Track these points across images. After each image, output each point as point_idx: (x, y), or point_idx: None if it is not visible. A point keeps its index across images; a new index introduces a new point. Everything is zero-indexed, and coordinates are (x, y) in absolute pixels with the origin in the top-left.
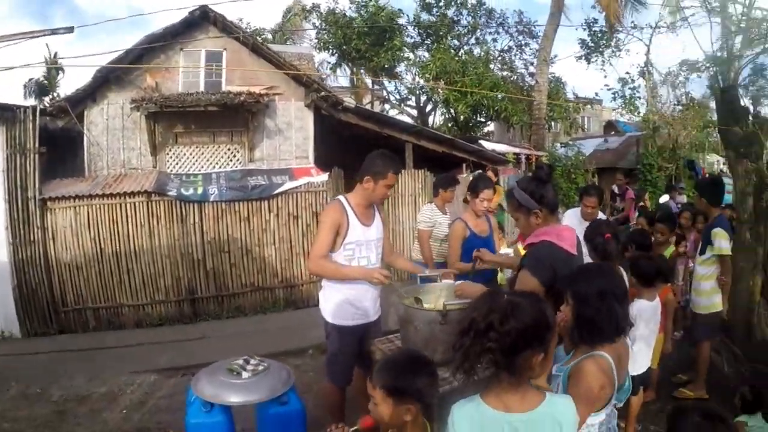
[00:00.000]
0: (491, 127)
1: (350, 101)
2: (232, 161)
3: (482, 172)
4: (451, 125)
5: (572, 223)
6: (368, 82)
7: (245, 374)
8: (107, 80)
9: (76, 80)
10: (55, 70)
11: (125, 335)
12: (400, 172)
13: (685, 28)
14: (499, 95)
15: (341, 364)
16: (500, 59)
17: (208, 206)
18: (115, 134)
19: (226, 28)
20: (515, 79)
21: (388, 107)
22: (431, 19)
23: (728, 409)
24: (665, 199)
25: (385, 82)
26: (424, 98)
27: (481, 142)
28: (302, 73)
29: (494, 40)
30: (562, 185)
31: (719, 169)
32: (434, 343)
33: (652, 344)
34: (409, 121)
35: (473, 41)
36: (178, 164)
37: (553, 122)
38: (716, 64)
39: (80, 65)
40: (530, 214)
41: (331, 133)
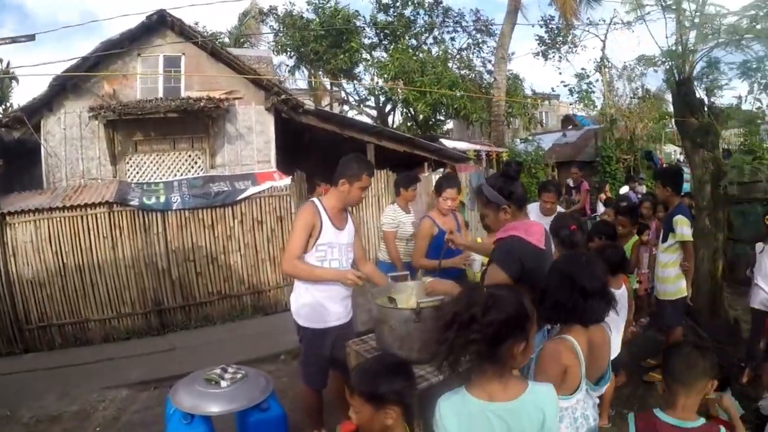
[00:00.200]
0: (450, 125)
1: (309, 104)
2: (193, 168)
3: (450, 171)
4: (410, 125)
5: (532, 218)
6: (327, 84)
7: (224, 383)
8: (64, 89)
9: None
10: (8, 79)
11: (93, 351)
12: (373, 174)
13: (640, 24)
14: (458, 93)
15: (316, 366)
16: (458, 58)
17: (171, 215)
18: (73, 144)
19: (184, 32)
20: (474, 77)
21: (347, 108)
22: (388, 19)
23: None
24: (625, 189)
25: (343, 83)
26: (383, 98)
27: (441, 140)
28: (262, 76)
29: (452, 38)
30: (523, 180)
31: (676, 159)
32: (410, 341)
33: (621, 330)
34: (368, 121)
35: (431, 40)
36: (138, 173)
37: (512, 118)
38: (672, 58)
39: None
40: (499, 209)
41: (291, 136)
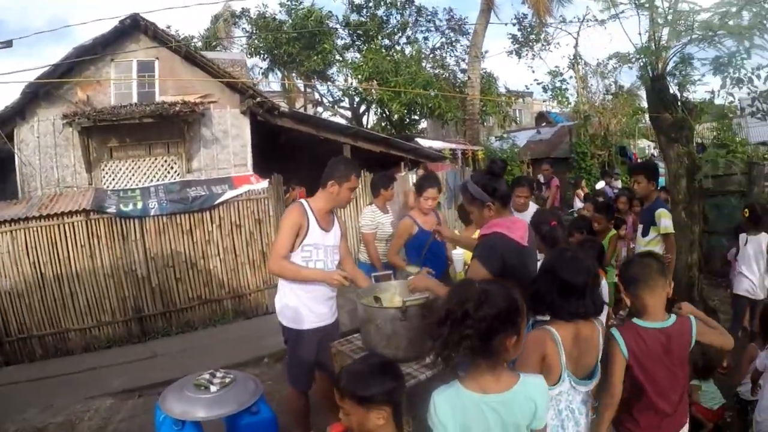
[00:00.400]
0: (425, 124)
1: (283, 106)
2: (169, 173)
3: (428, 171)
4: (385, 125)
5: None
6: (300, 85)
7: (213, 388)
8: (36, 96)
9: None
10: None
11: (74, 361)
12: (360, 175)
13: (613, 21)
14: (432, 93)
15: (301, 367)
16: (432, 57)
17: (149, 221)
18: (47, 152)
19: (157, 36)
20: (448, 76)
21: (321, 110)
22: (361, 19)
23: None
24: (601, 185)
25: (317, 84)
26: (357, 99)
27: (417, 139)
28: (237, 79)
29: (425, 38)
30: None
31: (650, 153)
32: (396, 339)
33: (602, 322)
34: (343, 122)
35: (404, 40)
36: (114, 180)
37: (486, 117)
38: (646, 55)
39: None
40: (483, 206)
41: (267, 138)
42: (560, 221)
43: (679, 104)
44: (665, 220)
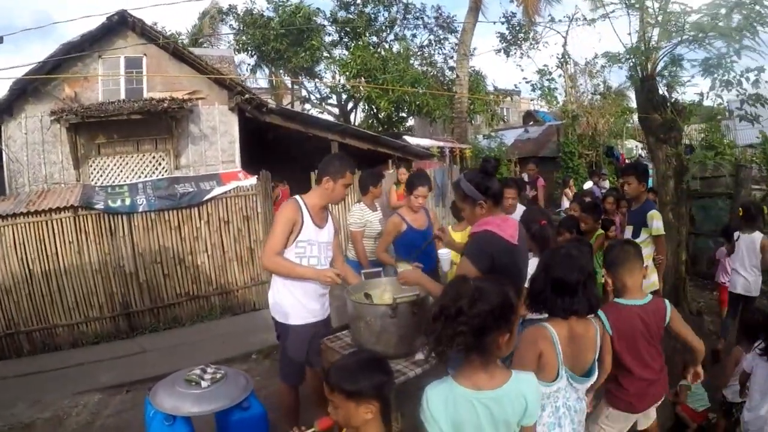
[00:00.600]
0: (412, 122)
1: (271, 102)
2: (157, 170)
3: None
4: (371, 122)
5: None
6: (288, 82)
7: (204, 383)
8: (24, 92)
9: None
10: None
11: (62, 356)
12: (355, 171)
13: (603, 21)
14: (420, 90)
15: (293, 363)
16: (420, 54)
17: (137, 217)
18: (35, 149)
19: (145, 33)
20: (436, 73)
21: (309, 107)
22: (349, 16)
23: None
24: (589, 185)
25: (305, 81)
26: (345, 96)
27: (405, 137)
28: (225, 76)
29: (413, 35)
30: None
31: (638, 154)
32: (386, 336)
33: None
34: (331, 120)
35: (392, 37)
36: (102, 176)
37: (474, 115)
38: (636, 55)
39: None
40: (475, 204)
41: (255, 135)
42: (550, 220)
43: (668, 105)
44: (657, 221)
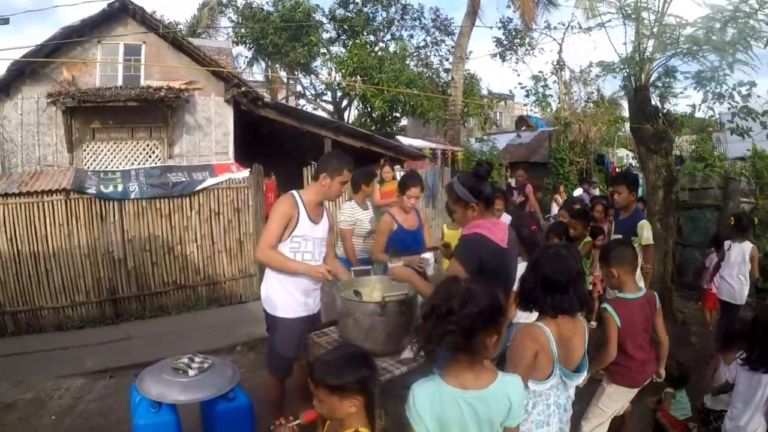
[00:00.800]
0: (405, 122)
1: (266, 96)
2: (151, 157)
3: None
4: (365, 120)
5: None
6: (283, 77)
7: (191, 372)
8: (22, 74)
9: None
10: None
11: (46, 339)
12: (352, 169)
13: (599, 30)
14: (415, 91)
15: (282, 356)
16: (416, 55)
17: (128, 204)
18: (29, 130)
19: (145, 21)
20: (431, 75)
21: (303, 102)
22: (348, 14)
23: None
24: (579, 192)
25: (301, 77)
26: (340, 93)
27: (398, 137)
28: (223, 68)
29: (410, 36)
30: None
31: (628, 163)
32: (374, 333)
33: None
34: (325, 116)
35: (389, 37)
36: (95, 161)
37: (467, 118)
38: (630, 65)
39: None
40: (467, 207)
41: (249, 128)
42: (540, 225)
43: (660, 116)
44: (647, 231)
